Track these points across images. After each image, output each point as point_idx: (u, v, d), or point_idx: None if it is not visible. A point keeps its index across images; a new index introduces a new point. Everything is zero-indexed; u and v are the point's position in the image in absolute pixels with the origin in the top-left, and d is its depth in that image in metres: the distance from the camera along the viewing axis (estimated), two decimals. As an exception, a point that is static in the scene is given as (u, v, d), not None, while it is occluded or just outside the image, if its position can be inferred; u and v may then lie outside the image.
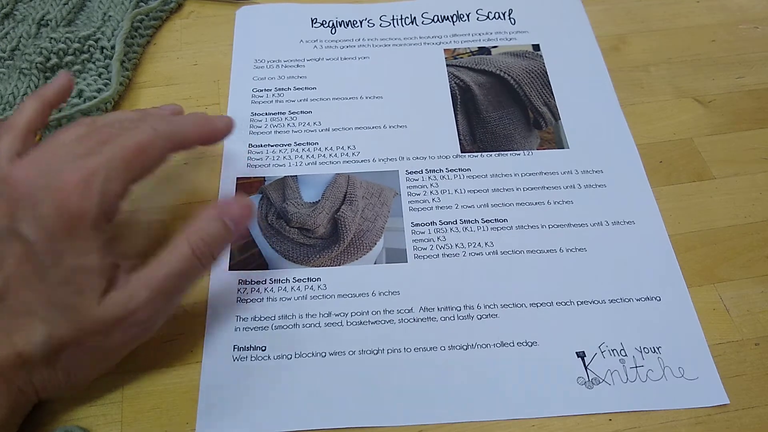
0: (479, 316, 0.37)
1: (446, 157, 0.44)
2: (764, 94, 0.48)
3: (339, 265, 0.39)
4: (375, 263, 0.39)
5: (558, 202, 0.42)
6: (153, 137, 0.32)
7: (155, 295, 0.30)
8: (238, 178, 0.43)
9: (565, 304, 0.37)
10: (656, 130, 0.46)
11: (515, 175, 0.43)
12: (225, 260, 0.39)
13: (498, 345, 0.36)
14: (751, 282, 0.39)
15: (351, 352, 0.36)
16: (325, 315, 0.37)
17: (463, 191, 0.42)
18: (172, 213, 0.42)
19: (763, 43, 0.51)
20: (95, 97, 0.46)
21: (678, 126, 0.46)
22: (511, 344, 0.36)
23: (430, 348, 0.36)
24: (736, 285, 0.39)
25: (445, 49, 0.51)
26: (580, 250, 0.40)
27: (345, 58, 0.50)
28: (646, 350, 0.36)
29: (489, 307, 0.37)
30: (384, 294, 0.38)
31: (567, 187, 0.42)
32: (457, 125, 0.46)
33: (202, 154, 0.44)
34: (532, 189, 0.42)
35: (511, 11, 0.53)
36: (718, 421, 0.34)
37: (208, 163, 0.44)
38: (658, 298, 0.38)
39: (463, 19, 0.53)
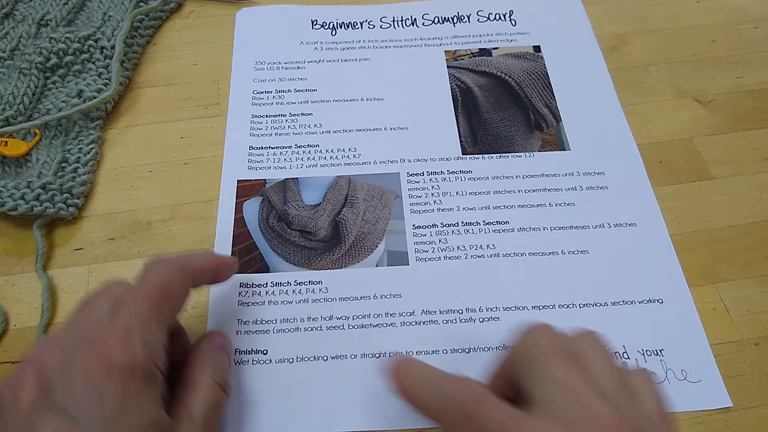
0: (481, 319, 0.37)
1: (447, 159, 0.44)
2: (764, 94, 0.48)
3: (340, 268, 0.39)
4: (376, 266, 0.39)
5: (560, 204, 0.42)
6: (169, 273, 0.30)
7: None
8: (238, 181, 0.43)
9: (567, 306, 0.37)
10: (656, 130, 0.46)
11: (517, 177, 0.43)
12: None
13: (500, 347, 0.36)
14: (751, 282, 0.39)
15: (353, 356, 0.36)
16: (327, 318, 0.37)
17: (464, 193, 0.42)
18: (171, 213, 0.42)
19: (763, 43, 0.51)
20: (95, 97, 0.46)
21: (678, 126, 0.46)
22: (513, 347, 0.36)
23: (432, 351, 0.36)
24: (736, 285, 0.39)
25: (445, 51, 0.51)
26: (582, 252, 0.40)
27: (345, 60, 0.50)
28: (648, 353, 0.36)
29: (491, 309, 0.37)
30: (385, 297, 0.38)
31: (568, 189, 0.42)
32: (458, 127, 0.46)
33: (202, 156, 0.44)
34: (533, 191, 0.42)
35: (511, 12, 0.53)
36: (718, 421, 0.34)
37: (209, 165, 0.44)
38: (660, 301, 0.38)
39: (464, 21, 0.53)
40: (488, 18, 0.53)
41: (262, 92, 0.48)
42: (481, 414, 0.27)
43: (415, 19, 0.53)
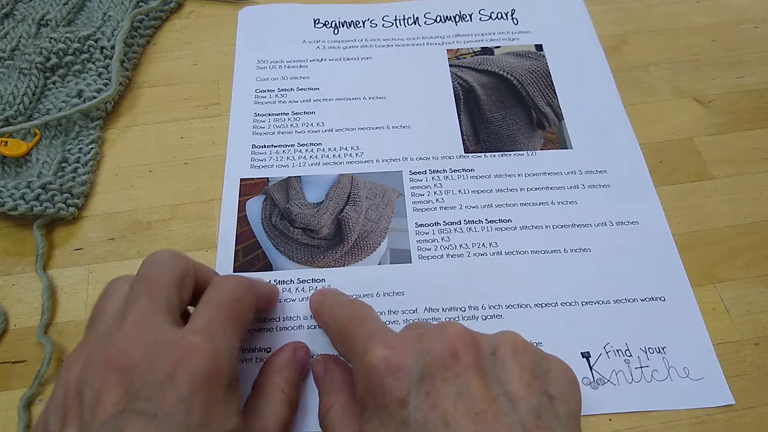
0: (484, 317, 0.37)
1: (450, 157, 0.44)
2: (764, 94, 0.48)
3: (343, 266, 0.39)
4: (379, 264, 0.39)
5: (562, 203, 0.42)
6: (241, 290, 0.31)
7: None
8: (241, 179, 0.43)
9: (570, 304, 0.37)
10: (656, 130, 0.46)
11: (519, 175, 0.43)
12: (230, 261, 0.39)
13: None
14: (751, 282, 0.39)
15: (356, 354, 0.36)
16: (330, 316, 0.37)
17: (466, 192, 0.42)
18: (171, 213, 0.42)
19: (763, 43, 0.51)
20: (95, 97, 0.45)
21: (678, 126, 0.46)
22: (516, 345, 0.36)
23: (436, 349, 0.36)
24: (736, 285, 0.39)
25: (447, 50, 0.51)
26: (584, 250, 0.40)
27: (348, 59, 0.50)
28: (651, 350, 0.36)
29: (494, 307, 0.37)
30: (388, 294, 0.38)
31: (571, 187, 0.42)
32: (460, 125, 0.46)
33: (202, 156, 0.44)
34: (535, 189, 0.42)
35: (513, 11, 0.53)
36: (719, 420, 0.34)
37: (209, 165, 0.44)
38: (662, 299, 0.38)
39: (466, 20, 0.53)
40: (490, 17, 0.53)
41: (264, 91, 0.48)
42: (353, 331, 0.30)
43: (417, 18, 0.53)
